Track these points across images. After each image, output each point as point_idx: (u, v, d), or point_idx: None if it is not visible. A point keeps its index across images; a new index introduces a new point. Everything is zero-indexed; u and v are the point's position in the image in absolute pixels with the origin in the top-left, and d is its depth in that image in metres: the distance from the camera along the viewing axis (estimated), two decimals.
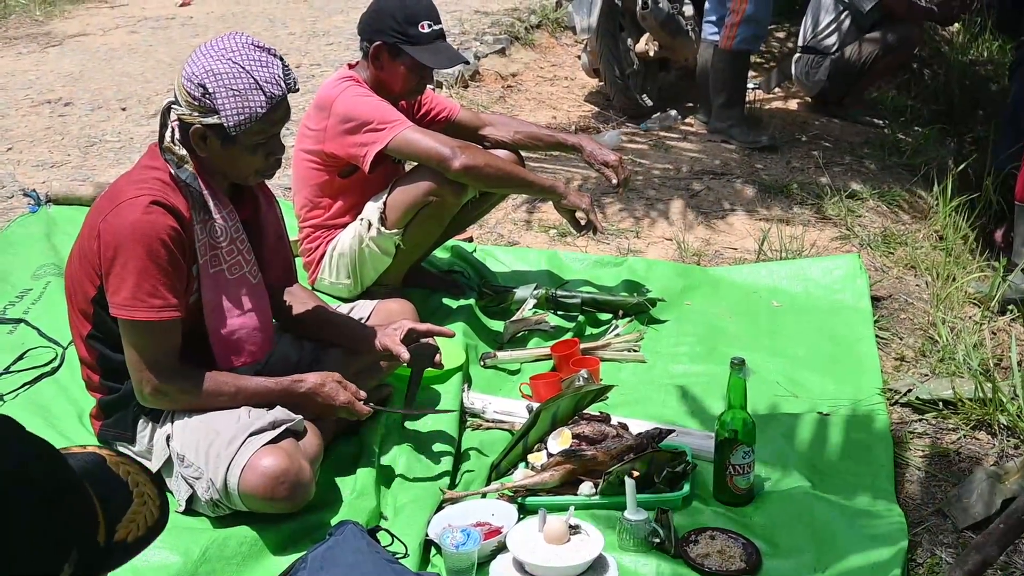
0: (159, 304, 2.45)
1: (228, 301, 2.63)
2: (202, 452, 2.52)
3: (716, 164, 5.66)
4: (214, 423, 2.56)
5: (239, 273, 2.66)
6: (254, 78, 2.46)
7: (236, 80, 2.45)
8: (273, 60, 2.52)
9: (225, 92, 2.44)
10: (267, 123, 2.52)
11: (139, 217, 2.43)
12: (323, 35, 7.77)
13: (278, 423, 2.55)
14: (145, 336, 2.49)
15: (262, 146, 2.56)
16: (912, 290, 4.22)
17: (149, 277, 2.44)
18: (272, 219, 2.84)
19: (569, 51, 7.88)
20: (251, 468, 2.46)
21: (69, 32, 7.75)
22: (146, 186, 2.48)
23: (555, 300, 3.83)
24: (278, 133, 2.61)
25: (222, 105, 2.45)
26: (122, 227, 2.43)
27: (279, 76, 2.51)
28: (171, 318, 2.49)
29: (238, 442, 2.49)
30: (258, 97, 2.47)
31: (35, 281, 3.75)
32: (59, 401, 3.05)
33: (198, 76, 2.46)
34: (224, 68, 2.45)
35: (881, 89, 7.35)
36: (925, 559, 2.56)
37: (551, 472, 2.78)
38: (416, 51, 3.43)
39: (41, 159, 5.20)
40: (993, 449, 3.05)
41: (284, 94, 2.53)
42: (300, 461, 2.52)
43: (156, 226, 2.44)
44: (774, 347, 3.65)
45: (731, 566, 2.49)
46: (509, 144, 3.79)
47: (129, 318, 2.46)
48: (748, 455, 2.73)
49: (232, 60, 2.46)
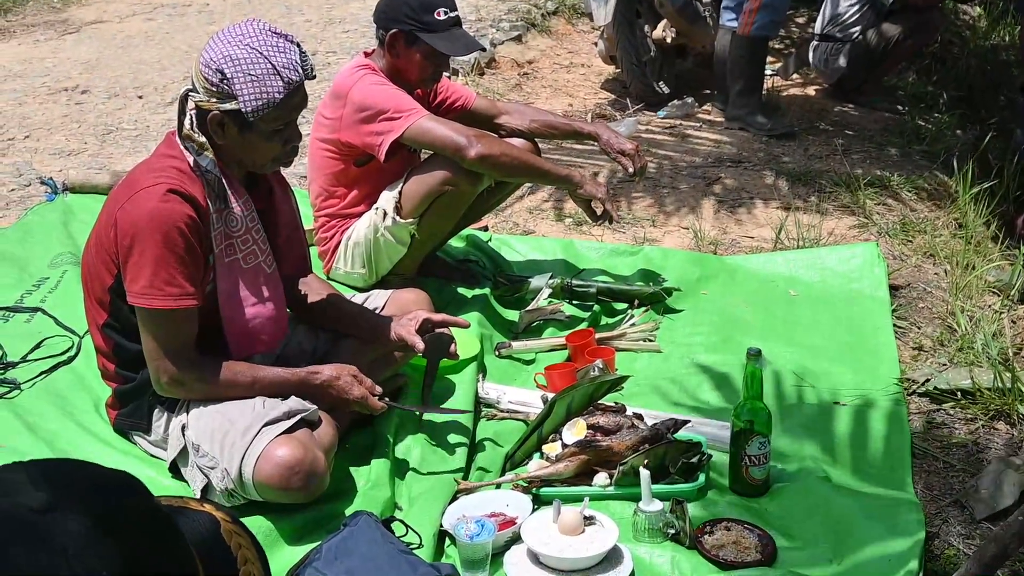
0: (176, 292, 2.45)
1: (243, 290, 2.63)
2: (217, 442, 2.52)
3: (733, 152, 5.63)
4: (229, 412, 2.56)
5: (254, 263, 2.66)
6: (272, 63, 2.46)
7: (254, 65, 2.45)
8: (290, 46, 2.52)
9: (243, 77, 2.44)
10: (285, 109, 2.51)
11: (156, 205, 2.43)
12: (339, 22, 7.75)
13: (293, 413, 2.55)
14: (162, 325, 2.49)
15: (279, 133, 2.56)
16: (931, 279, 4.18)
17: (166, 265, 2.44)
18: (287, 210, 2.84)
19: (586, 38, 7.84)
20: (266, 458, 2.46)
21: (86, 19, 7.76)
22: (164, 174, 2.48)
23: (570, 289, 3.82)
24: (295, 120, 2.61)
25: (240, 90, 2.45)
26: (139, 216, 2.43)
27: (296, 62, 2.51)
28: (188, 306, 2.49)
29: (253, 432, 2.49)
30: (276, 82, 2.46)
31: (52, 270, 3.76)
32: (76, 390, 3.05)
33: (216, 62, 2.45)
34: (242, 54, 2.45)
35: (900, 75, 7.30)
36: (943, 550, 2.55)
37: (566, 463, 2.77)
38: (432, 39, 3.42)
39: (58, 147, 5.22)
40: (1012, 439, 3.03)
41: (302, 80, 2.53)
42: (315, 451, 2.52)
43: (173, 214, 2.43)
44: (790, 336, 3.63)
45: (746, 557, 2.48)
46: (525, 133, 3.78)
47: (147, 306, 2.46)
48: (764, 446, 2.71)
49: (250, 46, 2.46)
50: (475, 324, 3.53)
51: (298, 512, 2.55)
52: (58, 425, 2.87)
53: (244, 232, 2.62)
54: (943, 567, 2.48)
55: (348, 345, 2.95)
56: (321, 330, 3.00)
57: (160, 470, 2.71)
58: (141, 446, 2.79)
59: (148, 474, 2.69)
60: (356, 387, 2.68)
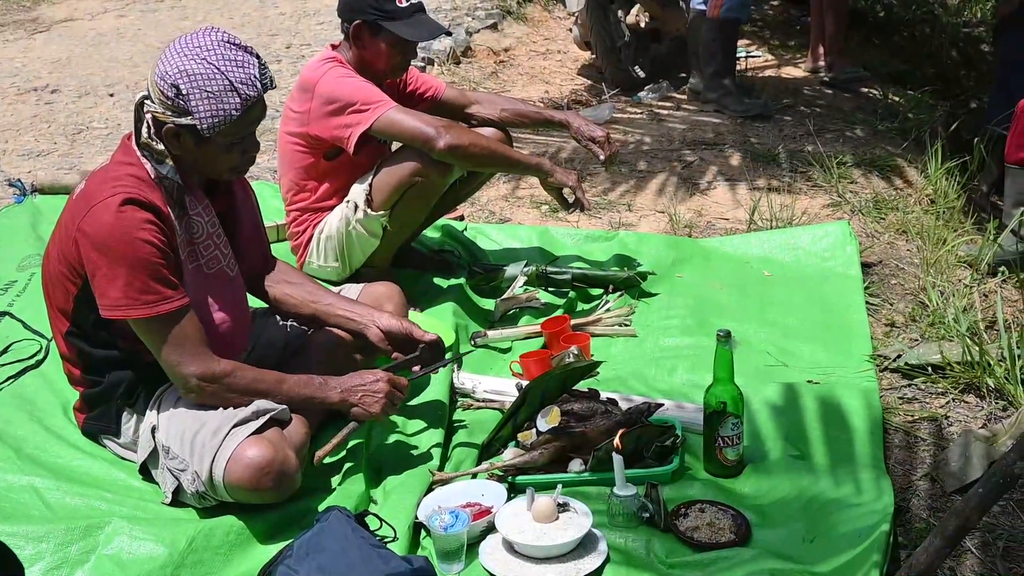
0: (153, 299, 2.43)
1: (209, 297, 2.61)
2: (187, 443, 2.51)
3: (708, 134, 5.65)
4: (199, 413, 2.55)
5: (216, 267, 2.65)
6: (229, 79, 2.43)
7: (210, 82, 2.41)
8: (249, 59, 2.48)
9: (199, 94, 2.41)
10: (242, 124, 2.49)
11: (115, 219, 2.39)
12: (313, 15, 7.73)
13: (261, 412, 2.54)
14: (157, 331, 2.47)
15: (237, 145, 2.54)
16: (903, 255, 4.21)
17: (140, 274, 2.41)
18: (248, 209, 2.83)
19: (561, 24, 7.85)
20: (236, 460, 2.44)
21: (56, 17, 7.72)
22: (120, 184, 2.44)
23: (546, 277, 3.82)
24: (253, 132, 2.59)
25: (195, 107, 2.42)
26: (100, 231, 2.40)
27: (255, 76, 2.47)
28: (169, 310, 2.45)
29: (223, 433, 2.48)
30: (233, 99, 2.43)
31: (20, 273, 3.73)
32: (44, 394, 3.03)
33: (171, 76, 2.42)
34: (198, 68, 2.41)
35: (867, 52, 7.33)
36: (913, 524, 2.57)
37: (540, 450, 2.78)
38: (396, 26, 3.41)
39: (27, 148, 5.19)
40: (981, 412, 3.05)
41: (260, 94, 2.50)
42: (285, 451, 2.51)
43: (134, 224, 2.40)
44: (765, 317, 3.64)
45: (721, 538, 2.49)
46: (496, 122, 3.78)
47: (126, 317, 2.44)
48: (737, 426, 2.73)
49: (207, 60, 2.42)
50: (450, 314, 3.54)
51: (270, 511, 2.55)
52: (25, 430, 2.84)
53: (205, 238, 2.61)
54: (914, 540, 2.49)
55: (321, 340, 2.95)
56: (291, 324, 2.99)
57: (130, 473, 2.70)
58: (111, 449, 2.78)
59: (118, 477, 2.69)
60: (377, 404, 2.67)
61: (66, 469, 2.68)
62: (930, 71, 7.22)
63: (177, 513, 2.55)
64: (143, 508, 2.55)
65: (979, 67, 7.29)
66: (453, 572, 2.45)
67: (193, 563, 2.36)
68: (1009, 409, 3.02)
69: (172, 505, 2.57)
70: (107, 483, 2.65)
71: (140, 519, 2.46)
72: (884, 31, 8.06)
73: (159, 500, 2.59)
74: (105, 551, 2.34)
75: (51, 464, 2.69)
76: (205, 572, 2.37)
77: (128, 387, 2.66)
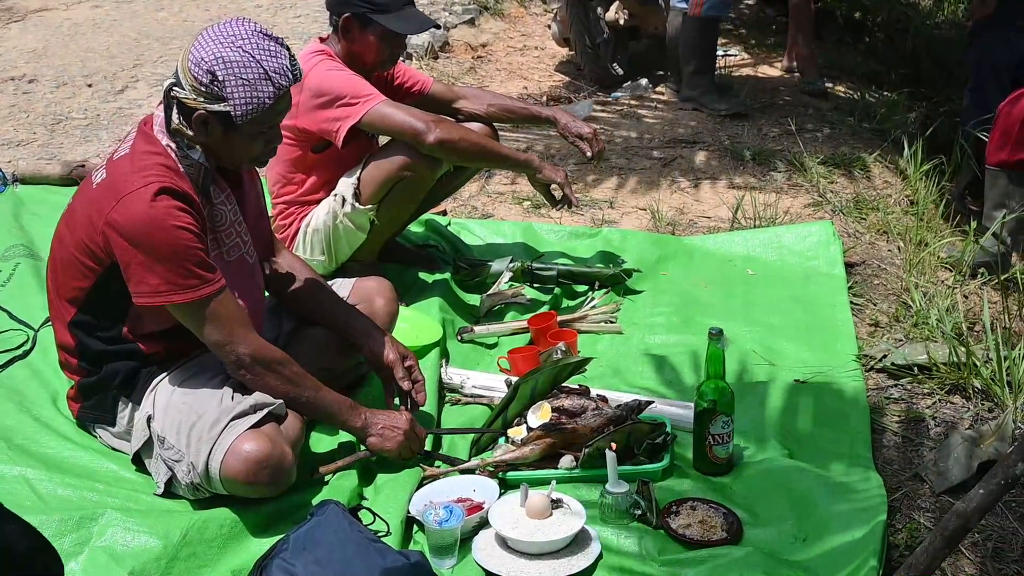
0: (195, 283, 2.44)
1: (231, 284, 2.59)
2: (184, 434, 2.49)
3: (687, 132, 5.66)
4: (196, 405, 2.53)
5: (237, 255, 2.65)
6: (264, 68, 2.44)
7: (246, 69, 2.43)
8: (281, 50, 2.50)
9: (235, 81, 2.42)
10: (272, 113, 2.51)
11: (150, 210, 2.39)
12: (290, 8, 7.68)
13: (259, 406, 2.53)
14: (203, 313, 2.47)
15: (262, 135, 2.55)
16: (885, 255, 4.24)
17: (180, 263, 2.42)
18: (253, 196, 2.82)
19: (538, 20, 7.84)
20: (233, 453, 2.43)
21: (31, 7, 7.61)
22: (152, 173, 2.44)
23: (531, 273, 3.82)
24: (278, 123, 2.59)
25: (231, 94, 2.43)
26: (135, 223, 2.40)
27: (287, 67, 2.49)
28: (211, 292, 2.46)
29: (220, 425, 2.46)
30: (267, 88, 2.45)
31: (4, 263, 3.69)
32: (32, 384, 3.01)
33: (207, 62, 2.42)
34: (234, 56, 2.42)
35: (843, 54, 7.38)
36: (904, 524, 2.59)
37: (531, 446, 2.78)
38: (386, 19, 3.40)
39: (6, 138, 5.12)
40: (968, 413, 3.08)
41: (290, 85, 2.51)
42: (282, 446, 2.50)
43: (170, 214, 2.41)
44: (750, 316, 3.66)
45: (712, 536, 2.50)
46: (483, 117, 3.77)
47: (166, 303, 2.44)
48: (727, 425, 2.74)
49: (242, 48, 2.43)
50: (437, 309, 3.54)
51: (264, 504, 2.53)
52: (15, 421, 2.82)
53: (228, 225, 2.61)
54: (905, 540, 2.52)
55: (311, 337, 2.93)
56: (285, 319, 2.97)
57: (121, 463, 2.68)
58: (103, 439, 2.75)
59: (110, 467, 2.67)
60: (394, 441, 2.68)
61: (57, 460, 2.66)
62: (902, 72, 7.28)
63: (170, 505, 2.54)
64: (135, 499, 2.53)
65: (951, 69, 7.35)
66: (445, 567, 2.45)
67: (187, 556, 2.34)
68: (995, 410, 3.05)
69: (164, 496, 2.55)
70: (99, 474, 2.64)
71: (133, 511, 2.44)
72: (858, 32, 8.12)
73: (151, 491, 2.57)
74: (99, 543, 2.32)
75: (42, 455, 2.67)
76: (199, 565, 2.35)
77: (126, 377, 2.64)
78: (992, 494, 1.86)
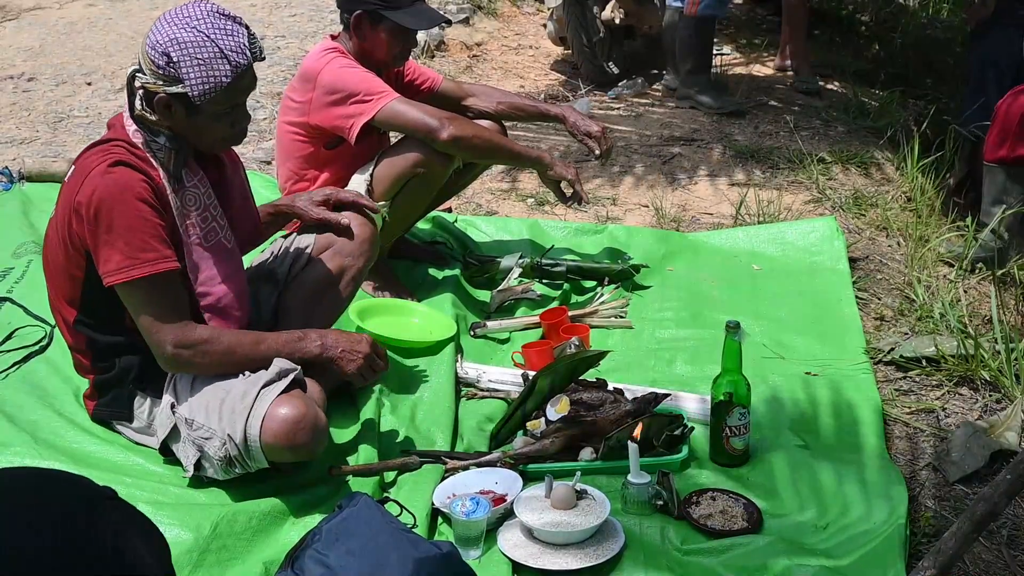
0: (153, 257, 2.44)
1: (209, 269, 2.61)
2: (214, 411, 2.50)
3: (686, 130, 5.71)
4: (221, 383, 2.55)
5: (215, 239, 2.64)
6: (219, 47, 2.44)
7: (201, 49, 2.43)
8: (238, 28, 2.50)
9: (190, 61, 2.42)
10: (232, 92, 2.51)
11: (108, 179, 2.41)
12: (286, 6, 7.68)
13: (284, 373, 2.54)
14: (149, 293, 2.46)
15: (227, 115, 2.56)
16: (885, 251, 4.29)
17: (137, 233, 2.42)
18: (238, 180, 2.83)
19: (531, 19, 7.88)
20: (271, 417, 2.44)
21: (25, 6, 7.60)
22: (109, 154, 2.47)
23: (540, 268, 3.85)
24: (244, 102, 2.61)
25: (186, 74, 2.43)
26: (96, 193, 2.41)
27: (244, 45, 2.49)
28: (168, 269, 2.46)
29: (252, 395, 2.47)
30: (223, 66, 2.45)
31: (16, 260, 3.70)
32: (52, 379, 3.01)
33: (162, 44, 2.43)
34: (189, 37, 2.43)
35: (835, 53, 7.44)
36: (921, 512, 2.63)
37: (551, 439, 2.82)
38: (397, 15, 3.42)
39: (9, 136, 5.12)
40: (977, 404, 3.13)
41: (250, 63, 2.51)
42: (315, 407, 2.52)
43: (129, 182, 2.42)
44: (757, 310, 3.70)
45: (734, 525, 2.54)
46: (492, 114, 3.80)
47: (126, 279, 2.43)
48: (744, 416, 2.78)
49: (197, 28, 2.44)
50: (449, 305, 3.57)
51: (292, 495, 2.57)
52: (38, 415, 2.83)
53: (202, 210, 2.61)
54: (922, 528, 2.56)
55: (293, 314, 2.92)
56: (265, 300, 2.97)
57: (148, 457, 2.70)
58: (125, 435, 2.77)
59: (137, 461, 2.69)
60: (354, 364, 2.66)
61: (83, 454, 2.67)
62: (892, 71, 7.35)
63: (199, 497, 2.55)
64: (164, 492, 2.55)
65: (940, 69, 7.43)
66: (471, 558, 2.47)
67: (218, 548, 2.36)
68: (1003, 401, 3.10)
69: (193, 480, 2.57)
70: (126, 468, 2.65)
71: (164, 504, 2.45)
72: (849, 32, 8.19)
73: (179, 484, 2.58)
74: None
75: (68, 449, 2.68)
76: (229, 557, 2.37)
77: (140, 371, 2.65)
78: (1020, 479, 1.91)
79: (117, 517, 1.26)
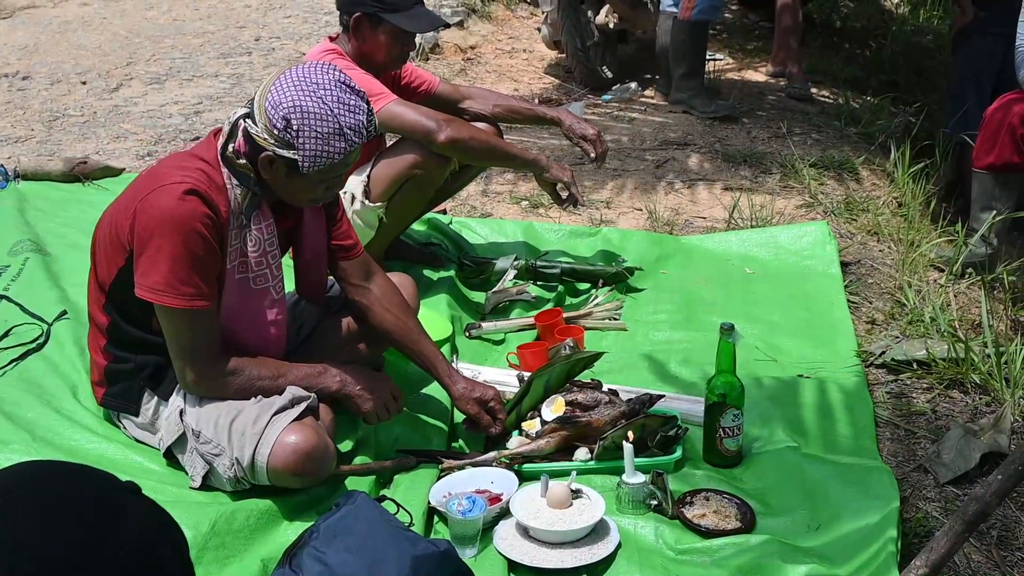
0: (190, 292, 2.44)
1: (248, 310, 2.61)
2: (223, 429, 2.52)
3: (679, 135, 5.74)
4: (233, 400, 2.56)
5: (263, 285, 2.64)
6: (340, 123, 2.41)
7: (322, 123, 2.40)
8: (361, 105, 2.47)
9: (308, 132, 2.40)
10: (339, 167, 2.50)
11: (175, 204, 2.40)
12: (280, 8, 7.71)
13: (298, 400, 2.56)
14: (178, 323, 2.48)
15: (325, 182, 2.55)
16: (876, 255, 4.33)
17: (184, 264, 2.42)
18: (315, 232, 2.79)
19: (525, 23, 7.91)
20: (281, 445, 2.46)
21: (19, 4, 7.61)
22: (190, 175, 2.46)
23: (535, 270, 3.88)
24: (344, 172, 2.59)
25: (302, 145, 2.40)
26: (158, 212, 2.41)
27: (363, 124, 2.46)
28: (201, 307, 2.47)
29: (263, 421, 2.49)
30: (339, 144, 2.43)
31: (12, 258, 3.70)
32: (51, 378, 3.01)
33: (284, 108, 2.40)
34: (312, 107, 2.40)
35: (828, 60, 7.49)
36: (912, 513, 2.66)
37: (547, 439, 2.84)
38: (396, 18, 3.44)
39: (4, 134, 5.14)
40: (967, 407, 3.17)
41: (363, 142, 2.50)
42: (325, 437, 2.54)
43: (193, 215, 2.42)
44: (750, 313, 3.73)
45: (727, 525, 2.56)
46: (488, 117, 3.82)
47: (160, 303, 2.45)
48: (737, 418, 2.81)
49: (323, 100, 2.41)
50: (444, 306, 3.59)
51: (289, 495, 2.57)
52: (36, 413, 2.83)
53: (260, 255, 2.60)
54: (914, 529, 2.59)
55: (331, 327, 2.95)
56: (303, 311, 2.99)
57: (147, 456, 2.71)
58: (127, 430, 2.77)
59: (136, 460, 2.69)
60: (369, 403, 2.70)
61: (82, 452, 2.67)
62: (882, 78, 7.41)
63: (197, 496, 2.56)
64: (162, 491, 2.54)
65: (928, 76, 7.50)
66: (466, 557, 2.49)
67: (216, 546, 2.37)
68: (993, 404, 3.14)
69: (200, 490, 2.58)
70: (124, 466, 2.64)
71: (162, 502, 2.41)
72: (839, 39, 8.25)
73: (178, 483, 2.59)
74: None
75: (66, 447, 2.68)
76: (227, 555, 2.38)
77: (155, 371, 2.66)
78: (1010, 480, 1.94)
79: (141, 511, 1.28)
